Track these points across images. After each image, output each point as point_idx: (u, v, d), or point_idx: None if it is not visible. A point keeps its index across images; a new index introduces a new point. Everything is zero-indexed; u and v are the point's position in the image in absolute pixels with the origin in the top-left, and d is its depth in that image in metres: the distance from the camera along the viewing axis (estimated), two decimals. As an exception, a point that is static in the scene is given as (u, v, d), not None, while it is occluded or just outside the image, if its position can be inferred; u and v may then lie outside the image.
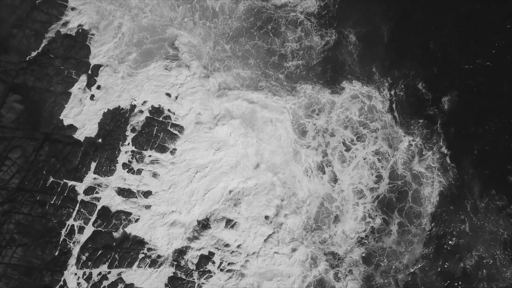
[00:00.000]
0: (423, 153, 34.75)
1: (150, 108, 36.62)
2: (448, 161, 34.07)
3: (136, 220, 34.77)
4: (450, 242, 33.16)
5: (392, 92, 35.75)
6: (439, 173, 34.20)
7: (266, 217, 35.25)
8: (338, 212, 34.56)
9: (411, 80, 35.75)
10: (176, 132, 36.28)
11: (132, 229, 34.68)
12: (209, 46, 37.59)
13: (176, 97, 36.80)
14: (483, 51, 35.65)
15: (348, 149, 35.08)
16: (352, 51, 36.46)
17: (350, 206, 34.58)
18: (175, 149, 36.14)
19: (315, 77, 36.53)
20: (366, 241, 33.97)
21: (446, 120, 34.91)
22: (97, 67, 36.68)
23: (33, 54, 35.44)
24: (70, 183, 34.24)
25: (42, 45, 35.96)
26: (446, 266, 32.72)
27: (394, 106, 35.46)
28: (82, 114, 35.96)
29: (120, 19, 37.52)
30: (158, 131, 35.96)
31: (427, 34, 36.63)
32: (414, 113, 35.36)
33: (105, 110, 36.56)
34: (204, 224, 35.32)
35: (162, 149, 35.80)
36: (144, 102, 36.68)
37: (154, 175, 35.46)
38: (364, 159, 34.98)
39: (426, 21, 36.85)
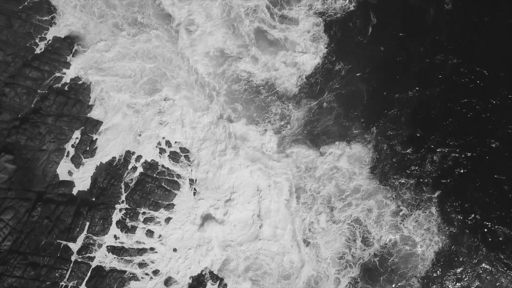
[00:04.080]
0: (411, 214, 35.03)
1: (144, 164, 36.60)
2: (439, 220, 34.48)
3: (130, 278, 34.59)
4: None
5: (376, 154, 36.20)
6: (431, 235, 34.50)
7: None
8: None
9: (394, 141, 36.27)
10: (170, 188, 36.26)
11: (127, 288, 34.59)
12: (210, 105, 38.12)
13: (171, 153, 36.95)
14: (466, 110, 36.32)
15: (335, 218, 35.43)
16: (333, 114, 37.05)
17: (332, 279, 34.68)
18: (169, 205, 36.11)
19: (304, 140, 37.06)
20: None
21: (432, 178, 35.27)
22: (91, 121, 36.52)
23: (25, 111, 35.21)
24: (63, 243, 34.01)
25: (35, 100, 35.76)
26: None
27: (378, 167, 35.88)
28: (75, 170, 35.79)
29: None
30: (152, 188, 35.91)
31: (409, 91, 37.29)
32: (399, 174, 35.72)
33: (98, 164, 36.48)
34: (199, 281, 35.30)
35: (156, 206, 35.73)
36: (138, 157, 36.63)
37: (149, 232, 35.36)
38: (351, 223, 35.26)
39: (407, 78, 37.63)
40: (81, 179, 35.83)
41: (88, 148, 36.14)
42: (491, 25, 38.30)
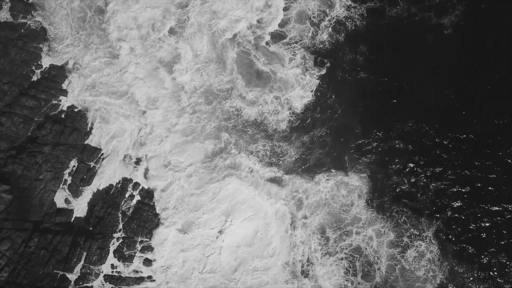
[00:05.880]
0: (412, 244, 34.67)
1: (141, 191, 36.47)
2: (438, 252, 34.22)
3: (128, 308, 34.50)
4: None
5: (372, 184, 35.95)
6: (431, 266, 34.18)
7: None
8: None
9: (390, 171, 36.02)
10: (167, 216, 36.18)
11: (124, 317, 34.43)
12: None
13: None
14: (464, 139, 36.14)
15: (334, 248, 35.06)
16: (326, 148, 36.83)
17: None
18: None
19: (298, 171, 36.80)
20: None
21: (429, 208, 35.00)
22: (88, 149, 36.37)
23: (22, 140, 35.03)
24: (60, 273, 33.84)
25: (31, 129, 35.58)
26: None
27: (375, 197, 35.67)
28: (72, 198, 35.68)
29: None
30: (150, 216, 35.78)
31: (405, 122, 37.10)
32: (397, 204, 35.39)
33: (95, 190, 36.39)
34: (196, 310, 35.16)
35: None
36: (135, 184, 36.51)
37: (146, 261, 35.19)
38: (349, 252, 34.93)
39: (403, 108, 37.44)
40: (78, 207, 35.74)
41: (85, 176, 36.00)
42: (493, 51, 37.68)
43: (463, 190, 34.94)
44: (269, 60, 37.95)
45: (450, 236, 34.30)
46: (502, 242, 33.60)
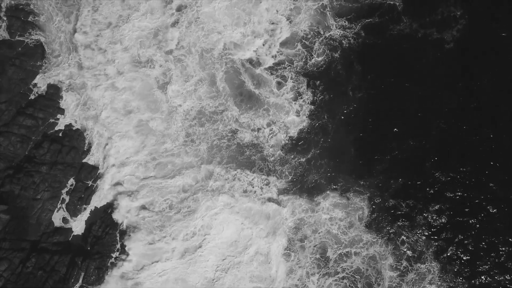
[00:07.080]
0: (412, 268, 34.14)
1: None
2: (438, 274, 33.66)
3: (126, 328, 34.38)
4: None
5: (372, 205, 35.30)
6: (431, 288, 33.82)
7: None
8: None
9: (388, 193, 35.36)
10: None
11: (122, 337, 34.30)
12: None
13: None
14: (464, 161, 35.37)
15: (332, 269, 34.52)
16: (322, 170, 36.23)
17: None
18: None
19: (296, 191, 36.32)
20: None
21: (429, 230, 34.41)
22: (86, 168, 36.25)
23: (19, 159, 34.93)
24: (58, 294, 33.83)
25: (29, 148, 35.48)
26: None
27: (374, 218, 35.02)
28: (70, 217, 35.60)
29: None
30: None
31: (403, 141, 36.35)
32: (395, 226, 34.72)
33: (92, 208, 36.29)
34: (195, 330, 34.95)
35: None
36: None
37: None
38: (349, 273, 34.38)
39: (401, 126, 36.80)
40: (76, 226, 35.68)
41: (83, 195, 35.90)
42: (498, 64, 36.80)
43: (463, 215, 34.37)
44: (258, 84, 37.46)
45: (450, 259, 33.82)
46: (505, 264, 33.08)
